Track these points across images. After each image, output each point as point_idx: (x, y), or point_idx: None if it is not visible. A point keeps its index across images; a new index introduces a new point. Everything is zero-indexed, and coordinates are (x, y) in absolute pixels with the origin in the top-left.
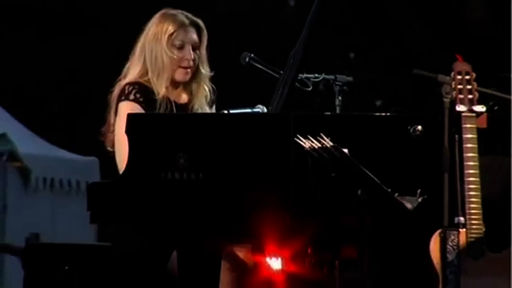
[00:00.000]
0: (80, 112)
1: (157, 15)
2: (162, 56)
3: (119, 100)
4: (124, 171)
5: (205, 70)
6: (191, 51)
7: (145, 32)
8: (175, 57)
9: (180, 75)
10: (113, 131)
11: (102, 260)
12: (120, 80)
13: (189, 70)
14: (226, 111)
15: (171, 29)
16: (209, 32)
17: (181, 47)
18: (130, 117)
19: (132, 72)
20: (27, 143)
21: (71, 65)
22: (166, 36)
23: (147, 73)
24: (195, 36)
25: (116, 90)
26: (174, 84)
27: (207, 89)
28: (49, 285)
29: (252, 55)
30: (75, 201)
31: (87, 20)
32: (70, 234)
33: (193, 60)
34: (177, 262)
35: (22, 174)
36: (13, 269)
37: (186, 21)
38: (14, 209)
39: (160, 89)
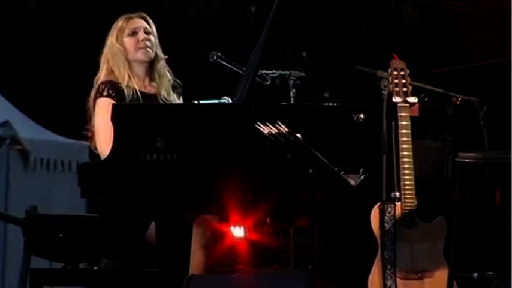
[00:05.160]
0: (72, 102)
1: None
2: (117, 49)
3: (96, 98)
4: (109, 153)
5: (161, 54)
6: (144, 34)
7: (105, 46)
8: (129, 43)
9: (142, 55)
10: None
11: (90, 228)
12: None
13: (148, 49)
14: (196, 102)
15: (120, 24)
16: (181, 33)
17: (134, 33)
18: (115, 107)
19: (101, 78)
20: (27, 129)
21: (67, 62)
22: (117, 31)
23: (112, 73)
24: (144, 23)
25: (92, 91)
26: (139, 73)
27: (167, 72)
28: (45, 250)
29: (219, 54)
30: (68, 179)
31: (80, 22)
32: (63, 207)
33: (150, 41)
34: (155, 231)
35: (22, 156)
36: (14, 236)
37: (132, 15)
38: (15, 185)
39: (124, 76)
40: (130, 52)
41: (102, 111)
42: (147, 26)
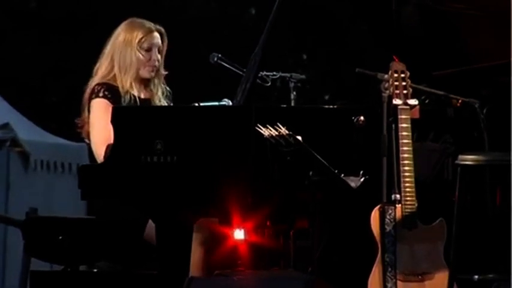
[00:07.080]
0: (72, 103)
1: (125, 23)
2: (131, 56)
3: (90, 98)
4: (110, 155)
5: (163, 71)
6: (157, 53)
7: (113, 38)
8: (142, 57)
9: (146, 73)
10: (88, 123)
11: (90, 230)
12: (92, 77)
13: (154, 68)
14: (196, 104)
15: (140, 34)
16: (181, 33)
17: (149, 49)
18: (115, 110)
19: (100, 72)
20: (27, 131)
21: (67, 62)
22: (137, 40)
23: (112, 71)
24: (160, 42)
25: (87, 91)
26: (138, 81)
27: (163, 86)
28: (45, 252)
29: (220, 55)
30: (68, 181)
31: (80, 22)
32: (63, 209)
33: (158, 61)
34: (155, 233)
35: (22, 158)
36: (14, 238)
37: (153, 28)
38: (15, 187)
39: (126, 83)
40: (140, 65)
41: (97, 112)
42: (160, 44)
